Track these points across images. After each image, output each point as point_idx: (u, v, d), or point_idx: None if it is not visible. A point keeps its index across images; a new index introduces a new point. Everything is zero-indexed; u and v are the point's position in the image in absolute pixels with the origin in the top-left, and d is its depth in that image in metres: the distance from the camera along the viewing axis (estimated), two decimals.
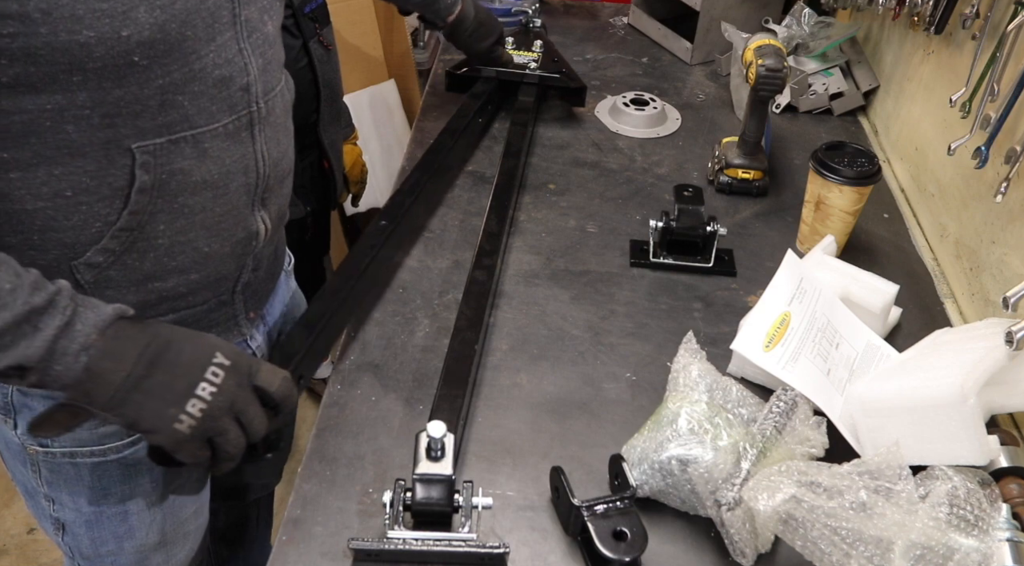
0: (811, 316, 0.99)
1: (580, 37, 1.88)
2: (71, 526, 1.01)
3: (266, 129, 0.87)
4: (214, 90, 0.79)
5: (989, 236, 1.14)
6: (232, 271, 0.92)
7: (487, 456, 0.94)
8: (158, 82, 0.74)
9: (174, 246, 0.83)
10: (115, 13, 0.68)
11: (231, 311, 0.95)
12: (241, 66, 0.82)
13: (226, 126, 0.82)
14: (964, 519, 0.76)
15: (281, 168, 0.93)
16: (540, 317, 1.13)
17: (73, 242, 0.78)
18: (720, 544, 0.84)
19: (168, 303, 0.87)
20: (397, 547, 0.79)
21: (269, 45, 0.86)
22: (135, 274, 0.83)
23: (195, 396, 0.74)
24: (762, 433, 0.86)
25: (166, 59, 0.74)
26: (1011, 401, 0.91)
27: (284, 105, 0.93)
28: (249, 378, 0.78)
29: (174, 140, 0.78)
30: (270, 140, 0.88)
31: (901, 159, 1.48)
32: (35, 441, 0.92)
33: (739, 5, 1.74)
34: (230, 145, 0.83)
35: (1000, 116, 1.06)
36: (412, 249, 1.22)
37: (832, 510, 0.76)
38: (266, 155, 0.88)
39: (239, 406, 0.76)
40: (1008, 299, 0.88)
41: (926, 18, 1.31)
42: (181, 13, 0.73)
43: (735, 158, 1.37)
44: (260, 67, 0.84)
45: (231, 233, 0.88)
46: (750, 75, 1.30)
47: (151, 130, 0.76)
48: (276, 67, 0.89)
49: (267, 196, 0.91)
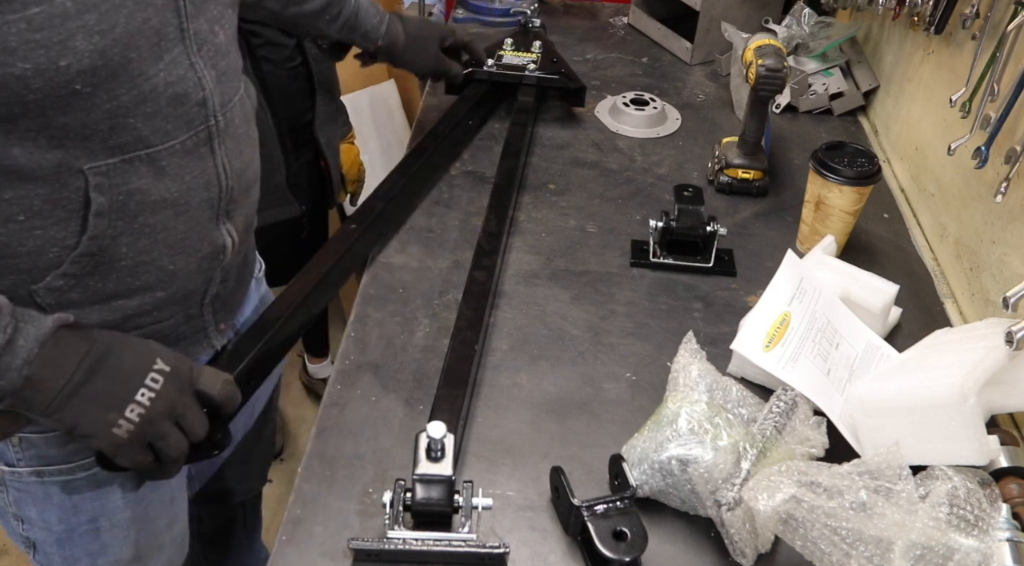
0: (811, 316, 0.99)
1: (580, 37, 1.88)
2: (42, 545, 0.99)
3: (226, 141, 0.85)
4: (168, 108, 0.77)
5: (989, 236, 1.14)
6: (199, 286, 0.90)
7: (487, 456, 0.94)
8: (105, 107, 0.72)
9: (137, 266, 0.81)
10: (50, 43, 0.66)
11: (200, 324, 0.94)
12: (195, 81, 0.79)
13: (183, 143, 0.80)
14: (964, 519, 0.76)
15: (245, 179, 0.90)
16: (540, 317, 1.13)
17: (30, 267, 0.77)
18: (720, 544, 0.84)
19: (134, 321, 0.85)
20: (397, 547, 0.79)
21: (222, 56, 0.83)
22: (98, 295, 0.81)
23: (134, 401, 0.75)
24: (762, 433, 0.86)
25: (111, 84, 0.71)
26: (1011, 401, 0.91)
27: (244, 114, 0.90)
28: (190, 383, 0.79)
29: (128, 160, 0.76)
30: (231, 152, 0.86)
31: (901, 159, 1.48)
32: (1, 460, 0.91)
33: (739, 5, 1.74)
34: (189, 161, 0.81)
35: (1000, 116, 1.06)
36: (412, 249, 1.22)
37: (832, 510, 0.76)
38: (228, 167, 0.86)
39: (179, 410, 0.78)
40: (1008, 299, 0.88)
41: (926, 18, 1.31)
42: (123, 36, 0.70)
43: (735, 158, 1.37)
44: (214, 79, 0.82)
45: (196, 249, 0.86)
46: (750, 75, 1.30)
47: (102, 151, 0.74)
48: (232, 77, 0.87)
49: (232, 208, 0.89)
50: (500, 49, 1.57)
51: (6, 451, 0.90)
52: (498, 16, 1.91)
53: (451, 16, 1.97)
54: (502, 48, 1.58)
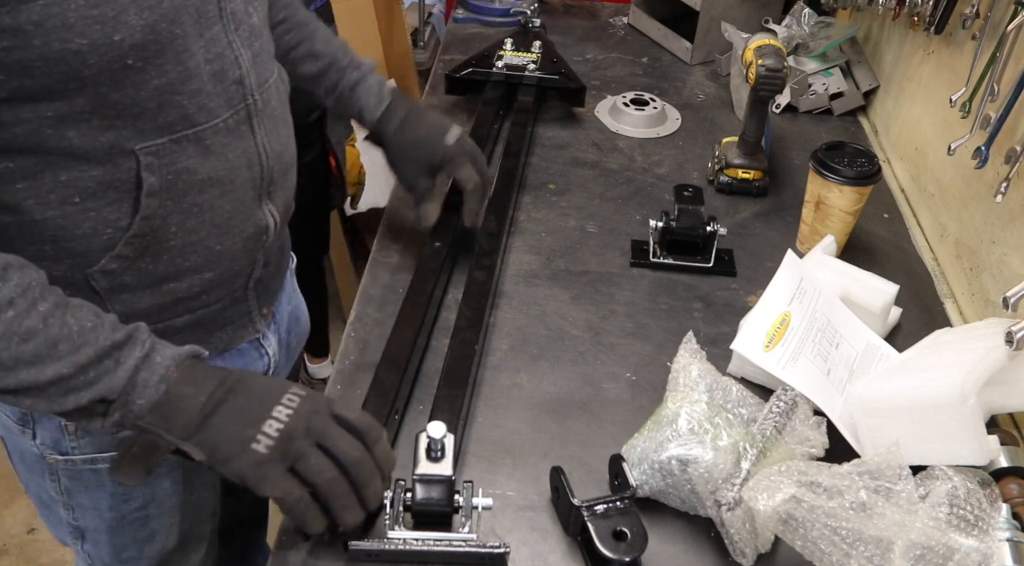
0: (811, 316, 0.99)
1: (580, 37, 1.88)
2: (92, 534, 1.00)
3: (265, 121, 0.87)
4: (210, 85, 0.79)
5: (989, 236, 1.14)
6: (244, 267, 0.92)
7: (487, 456, 0.94)
8: (154, 83, 0.74)
9: (186, 247, 0.83)
10: (105, 19, 0.68)
11: (245, 308, 0.95)
12: (232, 59, 0.81)
13: (226, 121, 0.82)
14: (964, 519, 0.76)
15: (284, 160, 0.92)
16: (540, 317, 1.13)
17: (85, 250, 0.78)
18: (720, 544, 0.84)
19: (184, 304, 0.87)
20: (397, 547, 0.79)
21: (256, 36, 0.86)
22: (149, 277, 0.83)
23: (272, 417, 0.73)
24: (762, 433, 0.86)
25: (159, 59, 0.73)
26: (1011, 401, 0.91)
27: (280, 96, 0.92)
28: (327, 406, 0.76)
29: (176, 139, 0.78)
30: (270, 132, 0.88)
31: (901, 159, 1.48)
32: (55, 449, 0.92)
33: (739, 5, 1.74)
34: (232, 140, 0.83)
35: (1000, 116, 1.06)
36: (412, 249, 1.22)
37: (832, 510, 0.76)
38: (268, 147, 0.88)
39: (318, 429, 0.74)
40: (1008, 299, 0.88)
41: (926, 18, 1.31)
42: (169, 11, 0.73)
43: (735, 158, 1.37)
44: (250, 59, 0.84)
45: (241, 229, 0.87)
46: (750, 75, 1.30)
47: (152, 131, 0.76)
48: (267, 58, 0.89)
49: (273, 189, 0.90)
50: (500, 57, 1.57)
51: (61, 440, 0.91)
52: (498, 16, 1.91)
53: (451, 16, 1.98)
54: (502, 48, 1.58)
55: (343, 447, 0.74)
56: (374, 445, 0.76)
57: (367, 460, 0.75)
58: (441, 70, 1.65)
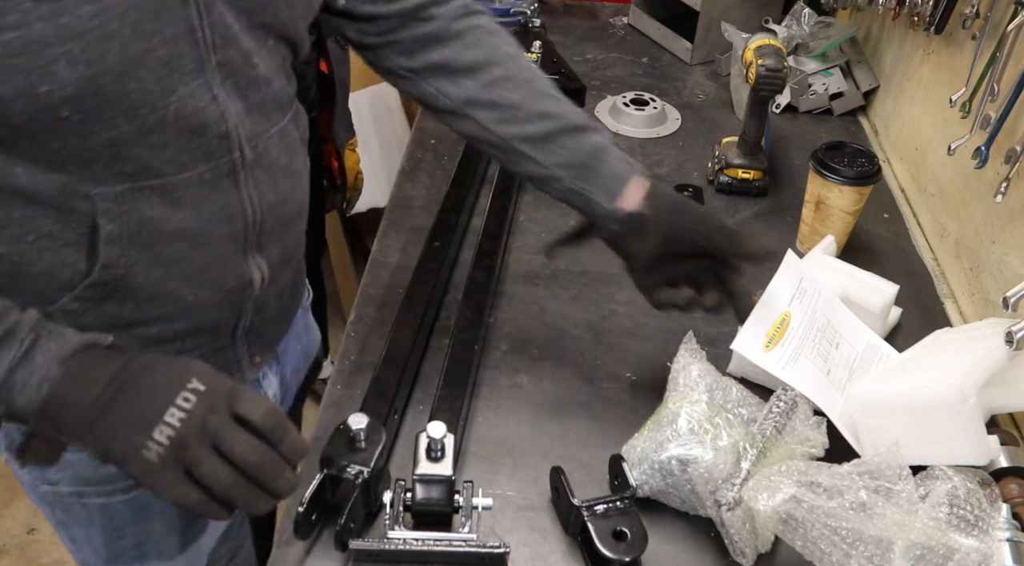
0: (811, 316, 0.99)
1: (580, 37, 1.88)
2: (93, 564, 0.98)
3: (256, 173, 0.79)
4: (182, 140, 0.72)
5: (989, 236, 1.14)
6: (227, 318, 0.86)
7: (487, 456, 0.94)
8: (103, 135, 0.68)
9: (155, 296, 0.78)
10: (30, 68, 0.62)
11: (232, 356, 0.90)
12: (217, 114, 0.74)
13: (201, 175, 0.75)
14: (964, 519, 0.76)
15: (282, 212, 0.85)
16: (540, 317, 1.13)
17: (43, 288, 0.74)
18: (720, 544, 0.84)
19: (156, 346, 0.81)
20: (397, 547, 0.79)
21: (257, 88, 0.77)
22: (115, 320, 0.78)
23: (163, 422, 0.67)
24: (762, 433, 0.86)
25: (106, 113, 0.67)
26: (1011, 401, 0.91)
27: (286, 145, 0.84)
28: (228, 406, 0.70)
29: (138, 188, 0.72)
30: (263, 184, 0.81)
31: (901, 159, 1.48)
32: (42, 479, 0.89)
33: (739, 5, 1.74)
34: (208, 193, 0.76)
35: (1000, 116, 1.06)
36: (412, 249, 1.22)
37: (832, 510, 0.76)
38: (257, 200, 0.80)
39: (213, 432, 0.68)
40: (1008, 299, 0.88)
41: (926, 18, 1.31)
42: (116, 65, 0.65)
43: (735, 158, 1.37)
44: (242, 111, 0.76)
45: (219, 282, 0.81)
46: (750, 75, 1.30)
47: (109, 177, 0.70)
48: (271, 108, 0.81)
49: (264, 241, 0.84)
50: None
51: (46, 469, 0.88)
52: (498, 16, 1.90)
53: None
54: None
55: (240, 451, 0.68)
56: (279, 443, 0.70)
57: (269, 459, 0.69)
58: None
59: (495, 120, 0.90)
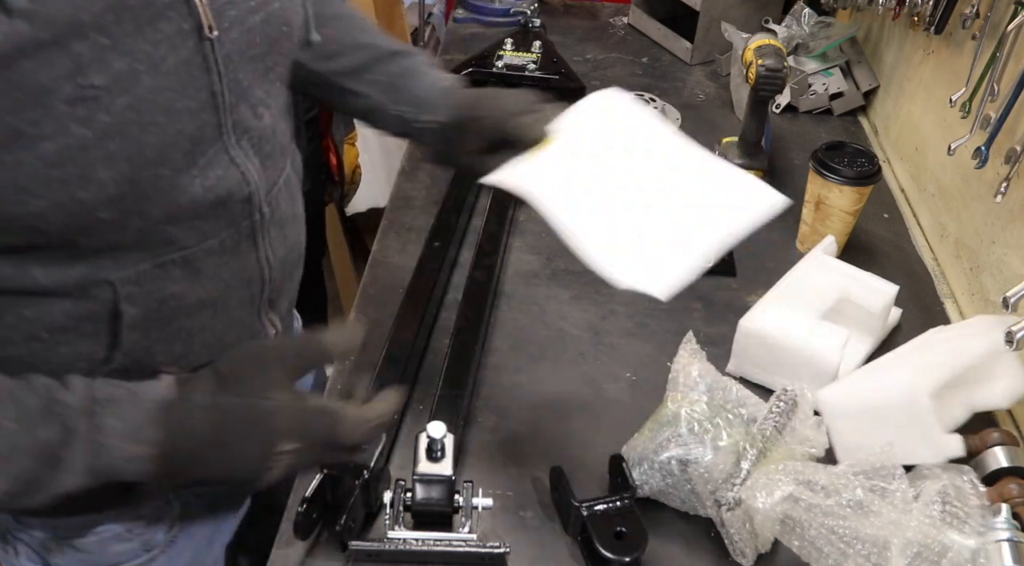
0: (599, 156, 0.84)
1: (580, 37, 1.88)
2: None
3: (271, 230, 0.77)
4: (208, 212, 0.69)
5: (989, 236, 1.14)
6: None
7: (487, 456, 0.94)
8: (136, 225, 0.65)
9: (173, 365, 0.73)
10: (69, 178, 0.58)
11: None
12: (238, 178, 0.71)
13: (222, 241, 0.72)
14: (956, 517, 0.77)
15: (289, 263, 0.83)
16: (540, 317, 1.13)
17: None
18: (720, 544, 0.84)
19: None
20: (397, 547, 0.79)
21: (267, 138, 0.74)
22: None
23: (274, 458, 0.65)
24: (762, 433, 0.86)
25: (143, 205, 0.64)
26: (992, 399, 0.92)
27: (290, 193, 0.82)
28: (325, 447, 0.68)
29: (160, 264, 0.68)
30: (276, 239, 0.78)
31: (901, 159, 1.48)
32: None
33: (739, 5, 1.74)
34: (228, 259, 0.73)
35: (1000, 116, 1.06)
36: (412, 249, 1.22)
37: (829, 508, 0.76)
38: (272, 258, 0.78)
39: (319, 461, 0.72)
40: (1008, 299, 0.88)
41: (926, 18, 1.31)
42: (153, 156, 0.62)
43: (735, 158, 1.37)
44: (259, 167, 0.73)
45: (235, 345, 0.76)
46: (750, 75, 1.30)
47: (131, 260, 0.67)
48: (279, 155, 0.78)
49: (275, 298, 0.82)
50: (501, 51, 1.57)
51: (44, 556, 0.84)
52: (498, 16, 1.91)
53: (451, 16, 1.98)
54: (502, 48, 1.58)
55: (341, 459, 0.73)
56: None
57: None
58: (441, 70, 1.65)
59: (312, 58, 0.88)
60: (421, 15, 2.84)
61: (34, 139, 0.56)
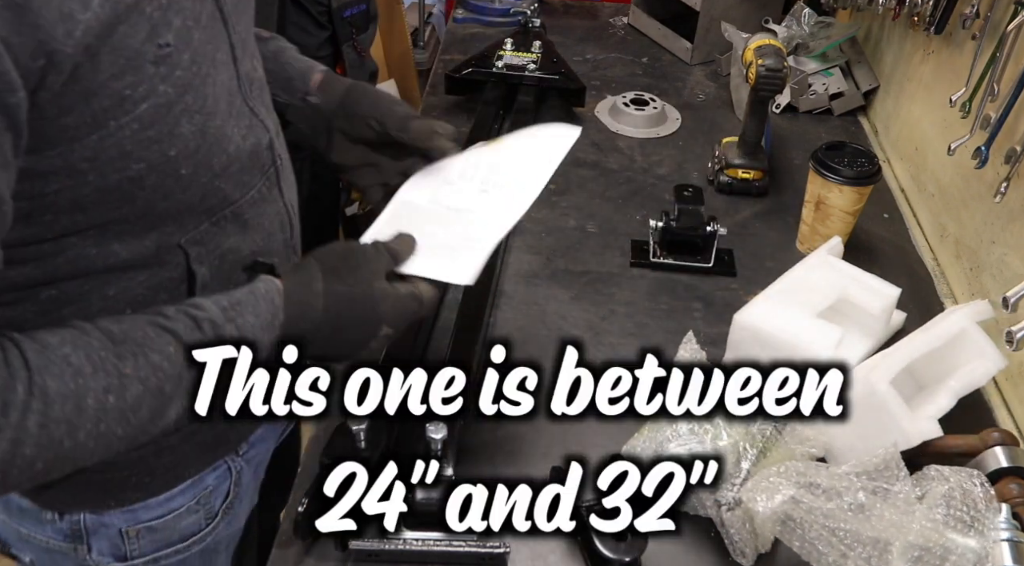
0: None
1: (580, 37, 1.88)
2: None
3: (286, 174, 0.83)
4: (248, 161, 0.75)
5: (989, 236, 1.14)
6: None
7: (487, 456, 0.94)
8: (202, 180, 0.69)
9: None
10: (161, 136, 0.63)
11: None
12: (260, 125, 0.76)
13: (259, 190, 0.78)
14: (960, 520, 0.76)
15: (298, 206, 0.88)
16: (540, 317, 1.13)
17: None
18: (720, 544, 0.84)
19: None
20: (397, 547, 0.79)
21: (265, 88, 0.80)
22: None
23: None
24: (762, 433, 0.86)
25: (207, 158, 0.69)
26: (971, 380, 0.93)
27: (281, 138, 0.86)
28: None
29: (214, 221, 0.73)
30: (289, 184, 0.84)
31: (901, 159, 1.48)
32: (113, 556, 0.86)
33: (739, 5, 1.74)
34: (264, 207, 0.79)
35: (1000, 116, 1.06)
36: None
37: (830, 511, 0.76)
38: (292, 201, 0.84)
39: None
40: (1008, 299, 0.88)
41: (926, 18, 1.31)
42: (212, 106, 0.67)
43: (735, 158, 1.37)
44: (267, 114, 0.79)
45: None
46: (750, 75, 1.30)
47: (193, 222, 0.72)
48: (270, 103, 0.83)
49: (296, 242, 0.87)
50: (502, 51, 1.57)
51: (120, 545, 0.86)
52: (498, 16, 1.91)
53: (451, 16, 1.98)
54: (502, 48, 1.58)
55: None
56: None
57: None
58: (441, 70, 1.65)
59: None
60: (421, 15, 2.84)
61: (133, 102, 0.60)
